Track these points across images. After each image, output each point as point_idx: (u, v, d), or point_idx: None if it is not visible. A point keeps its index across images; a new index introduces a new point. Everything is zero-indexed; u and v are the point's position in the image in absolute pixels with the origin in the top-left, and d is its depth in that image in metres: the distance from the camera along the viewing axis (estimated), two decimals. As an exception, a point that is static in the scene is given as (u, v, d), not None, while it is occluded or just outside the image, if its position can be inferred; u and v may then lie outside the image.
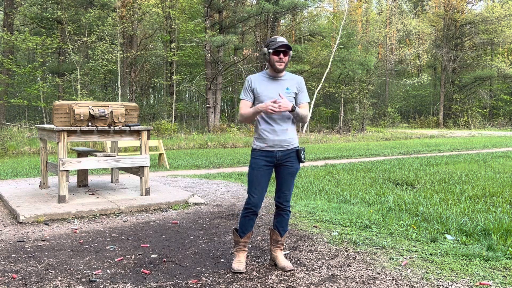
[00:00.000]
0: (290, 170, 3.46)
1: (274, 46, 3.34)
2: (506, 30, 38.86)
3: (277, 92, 3.42)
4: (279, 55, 3.35)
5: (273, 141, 3.40)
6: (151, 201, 5.78)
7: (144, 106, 35.10)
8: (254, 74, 3.54)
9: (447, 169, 9.49)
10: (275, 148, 3.41)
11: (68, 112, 5.75)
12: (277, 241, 3.55)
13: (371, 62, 29.17)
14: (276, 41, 3.37)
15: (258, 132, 3.45)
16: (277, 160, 3.44)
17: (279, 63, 3.37)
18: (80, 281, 3.21)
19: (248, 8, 26.67)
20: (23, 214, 4.98)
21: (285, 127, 3.43)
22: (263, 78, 3.48)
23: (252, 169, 3.43)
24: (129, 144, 9.80)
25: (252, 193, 3.42)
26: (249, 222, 3.48)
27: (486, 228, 4.51)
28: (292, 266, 3.46)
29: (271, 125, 3.40)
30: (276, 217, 3.56)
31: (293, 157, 3.46)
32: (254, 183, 3.41)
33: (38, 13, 24.29)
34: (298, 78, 3.53)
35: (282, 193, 3.49)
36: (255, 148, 3.47)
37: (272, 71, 3.45)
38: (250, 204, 3.43)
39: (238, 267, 3.41)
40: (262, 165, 3.41)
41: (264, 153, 3.42)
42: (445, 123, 40.42)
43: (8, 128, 20.07)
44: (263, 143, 3.42)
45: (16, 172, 9.23)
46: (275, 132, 3.40)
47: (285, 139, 3.42)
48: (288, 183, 3.48)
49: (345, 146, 18.20)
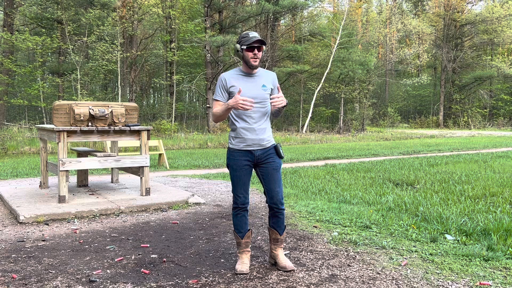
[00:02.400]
0: (274, 166, 3.39)
1: (247, 42, 3.24)
2: (506, 30, 38.87)
3: (254, 89, 3.33)
4: (253, 50, 3.25)
5: (252, 140, 3.34)
6: (151, 201, 5.78)
7: (144, 106, 35.10)
8: (227, 72, 3.42)
9: (447, 169, 9.49)
10: (254, 147, 3.36)
11: (68, 112, 5.75)
12: (277, 240, 3.50)
13: (371, 62, 29.19)
14: (248, 37, 3.25)
15: (236, 131, 3.37)
16: (256, 159, 3.38)
17: (254, 59, 3.27)
18: (80, 281, 3.21)
19: (248, 8, 26.67)
20: (23, 214, 4.99)
21: (264, 126, 3.37)
22: (237, 76, 3.37)
23: (234, 170, 3.37)
24: (129, 144, 9.80)
25: (238, 193, 3.40)
26: (242, 219, 3.45)
27: (486, 228, 4.50)
28: (293, 266, 3.42)
29: (250, 124, 3.33)
30: (272, 218, 3.49)
31: (272, 153, 3.40)
32: (238, 183, 3.38)
33: (38, 13, 24.29)
34: (271, 74, 3.47)
35: (273, 192, 3.40)
36: (233, 148, 3.39)
37: (246, 68, 3.36)
38: (238, 203, 3.41)
39: (241, 269, 3.38)
40: (244, 165, 3.36)
41: (243, 152, 3.36)
42: (445, 123, 40.43)
43: (8, 128, 20.08)
44: (242, 143, 3.35)
45: (16, 172, 9.23)
46: (254, 131, 3.34)
47: (263, 138, 3.37)
48: (275, 179, 3.40)
49: (345, 146, 18.20)
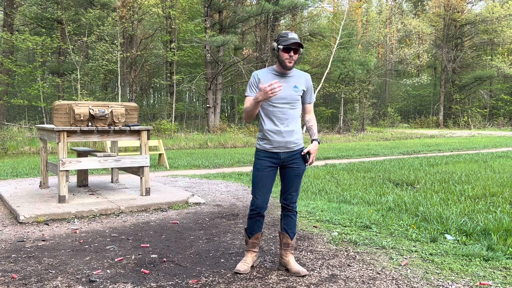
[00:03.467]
0: (297, 172, 3.34)
1: (285, 43, 3.15)
2: (506, 30, 38.86)
3: (285, 89, 3.25)
4: (290, 52, 3.17)
5: (279, 142, 3.28)
6: (151, 201, 5.78)
7: (144, 106, 35.11)
8: (260, 70, 3.37)
9: (447, 169, 9.49)
10: (280, 149, 3.30)
11: (68, 112, 5.75)
12: (288, 245, 3.41)
13: (371, 62, 29.18)
14: (287, 37, 3.17)
15: (263, 133, 3.31)
16: (282, 162, 3.33)
17: (289, 61, 3.19)
18: (80, 281, 3.21)
19: (248, 8, 26.65)
20: (23, 214, 4.98)
21: (291, 128, 3.29)
22: (270, 74, 3.30)
23: (256, 170, 3.32)
24: (129, 144, 9.80)
25: (256, 194, 3.33)
26: (256, 224, 3.40)
27: (486, 228, 4.50)
28: (306, 271, 3.33)
29: (277, 126, 3.27)
30: (283, 219, 3.44)
31: (298, 158, 3.34)
32: (258, 184, 3.31)
33: (38, 13, 24.28)
34: (306, 75, 3.38)
35: (288, 194, 3.39)
36: (259, 149, 3.35)
37: (280, 68, 3.29)
38: (255, 205, 3.34)
39: (238, 268, 3.37)
40: (267, 166, 3.30)
41: (269, 154, 3.31)
42: (445, 123, 40.42)
43: (8, 128, 20.08)
44: (268, 144, 3.30)
45: (16, 172, 9.23)
46: (280, 134, 3.27)
47: (291, 140, 3.29)
48: (295, 184, 3.37)
49: (345, 146, 18.20)
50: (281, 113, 3.26)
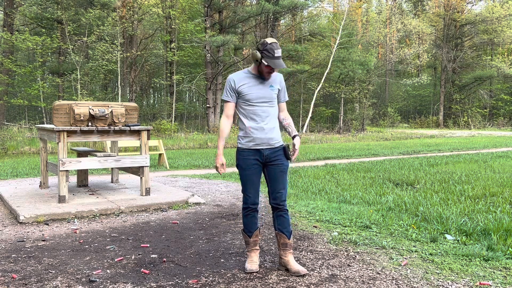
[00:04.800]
0: (281, 168, 3.40)
1: (270, 63, 3.22)
2: (506, 30, 38.86)
3: (262, 89, 3.37)
4: (271, 69, 3.30)
5: (261, 139, 3.35)
6: (151, 201, 5.78)
7: (144, 106, 35.11)
8: (234, 73, 3.43)
9: (447, 169, 9.49)
10: (263, 146, 3.37)
11: (68, 112, 5.75)
12: (286, 244, 3.43)
13: (371, 62, 29.19)
14: (273, 56, 3.22)
15: (245, 131, 3.38)
16: (265, 159, 3.39)
17: (269, 75, 3.35)
18: (80, 281, 3.21)
19: (248, 8, 26.66)
20: (23, 214, 4.99)
21: (272, 125, 3.39)
22: (246, 76, 3.39)
23: (243, 169, 3.38)
24: (129, 144, 9.80)
25: (248, 193, 3.40)
26: (252, 220, 3.45)
27: (486, 228, 4.50)
28: (306, 271, 3.35)
29: (259, 123, 3.35)
30: (276, 219, 3.45)
31: (281, 154, 3.41)
32: (248, 183, 3.38)
33: (38, 13, 24.29)
34: (279, 75, 3.49)
35: (277, 193, 3.40)
36: (242, 148, 3.40)
37: (256, 71, 3.40)
38: (248, 203, 3.41)
39: (251, 267, 3.39)
40: (253, 164, 3.37)
41: (252, 152, 3.37)
42: (445, 123, 40.42)
43: (8, 128, 20.09)
44: (251, 142, 3.36)
45: (16, 172, 9.23)
46: (263, 130, 3.35)
47: (272, 137, 3.38)
48: (282, 181, 3.41)
49: (345, 146, 18.20)
50: (261, 111, 3.36)
